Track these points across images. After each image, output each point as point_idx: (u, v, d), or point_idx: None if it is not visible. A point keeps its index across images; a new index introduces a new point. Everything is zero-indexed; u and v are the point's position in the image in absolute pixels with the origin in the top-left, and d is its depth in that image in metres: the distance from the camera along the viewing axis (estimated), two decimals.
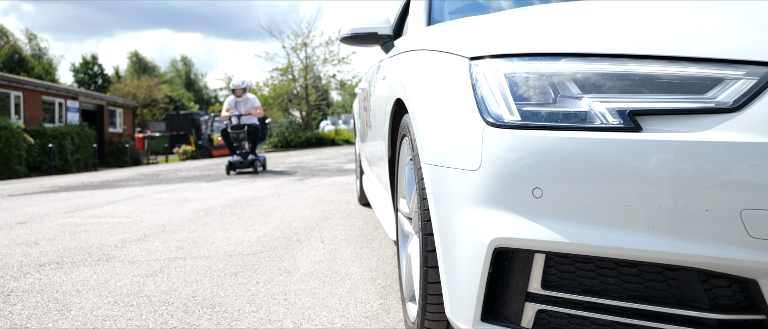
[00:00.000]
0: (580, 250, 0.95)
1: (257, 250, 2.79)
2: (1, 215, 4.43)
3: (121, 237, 3.24)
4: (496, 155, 1.01)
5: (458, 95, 1.14)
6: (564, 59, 1.03)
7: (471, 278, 1.05)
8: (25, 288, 2.25)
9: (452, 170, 1.10)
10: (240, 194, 5.38)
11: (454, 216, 1.09)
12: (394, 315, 1.82)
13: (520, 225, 0.98)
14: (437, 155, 1.17)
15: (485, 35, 1.21)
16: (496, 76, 1.07)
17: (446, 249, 1.13)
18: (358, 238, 3.01)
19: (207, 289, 2.16)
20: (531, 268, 1.01)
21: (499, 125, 1.02)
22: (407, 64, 1.61)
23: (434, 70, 1.31)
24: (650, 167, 0.91)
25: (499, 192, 1.00)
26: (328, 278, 2.26)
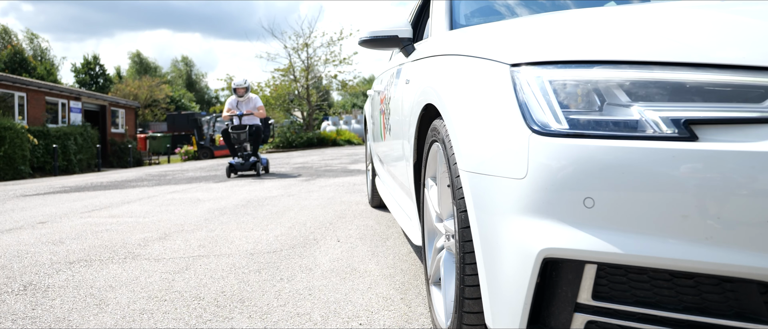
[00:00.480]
0: (636, 261, 0.94)
1: (276, 248, 2.91)
2: (21, 215, 4.55)
3: (143, 236, 3.35)
4: (543, 163, 1.00)
5: (500, 103, 1.13)
6: (611, 67, 1.02)
7: (516, 287, 1.04)
8: (61, 284, 2.36)
9: (495, 178, 1.09)
10: (250, 194, 5.50)
11: (497, 224, 1.08)
12: (415, 309, 1.94)
13: (571, 236, 0.97)
14: (478, 162, 1.16)
15: (525, 42, 1.21)
16: (539, 84, 1.06)
17: (488, 257, 1.11)
18: (372, 237, 3.12)
19: (234, 285, 2.27)
20: (581, 279, 1.00)
21: (545, 133, 1.01)
22: (439, 69, 1.58)
23: (471, 76, 1.29)
24: (708, 178, 0.89)
25: (548, 201, 0.99)
26: (349, 275, 2.38)
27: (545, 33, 1.25)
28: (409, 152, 2.02)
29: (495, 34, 1.38)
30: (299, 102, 26.56)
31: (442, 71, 1.52)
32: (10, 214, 4.66)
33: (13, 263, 2.76)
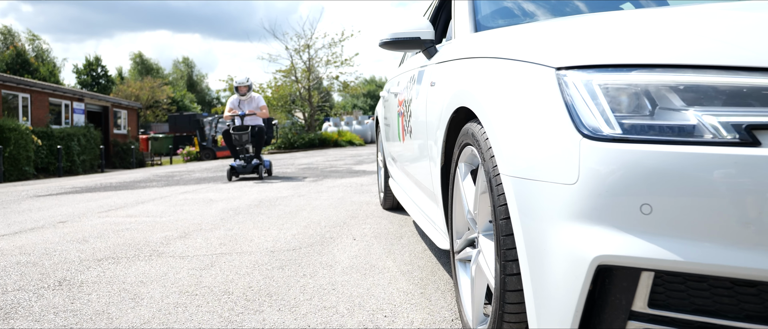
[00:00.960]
0: (696, 269, 0.92)
1: (295, 246, 3.02)
2: (40, 215, 4.65)
3: (163, 235, 3.46)
4: (596, 168, 0.99)
5: (546, 107, 1.12)
6: (663, 71, 1.01)
7: (566, 294, 1.03)
8: (93, 280, 2.47)
9: (543, 184, 1.08)
10: (261, 195, 5.61)
11: (545, 230, 1.07)
12: (435, 302, 2.05)
13: (627, 243, 0.96)
14: (524, 167, 1.15)
15: (570, 45, 1.19)
16: (588, 88, 1.06)
17: (534, 262, 1.10)
18: (386, 236, 3.23)
19: (260, 281, 2.38)
20: (636, 286, 0.98)
21: (597, 138, 1.00)
22: (474, 72, 1.56)
23: (513, 80, 1.28)
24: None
25: (602, 208, 0.98)
26: (368, 271, 2.49)
27: (589, 36, 1.23)
28: (436, 155, 1.98)
29: (535, 37, 1.37)
30: (301, 103, 26.69)
31: (478, 75, 1.50)
32: (28, 214, 4.77)
33: (43, 260, 2.86)
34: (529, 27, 1.57)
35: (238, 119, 7.57)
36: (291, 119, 26.67)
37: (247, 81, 7.72)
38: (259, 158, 7.77)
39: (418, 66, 2.50)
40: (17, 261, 2.87)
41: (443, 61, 2.00)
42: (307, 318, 1.91)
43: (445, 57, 2.00)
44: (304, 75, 26.31)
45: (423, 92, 2.26)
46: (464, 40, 1.99)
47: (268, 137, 8.29)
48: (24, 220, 4.37)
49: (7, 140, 15.28)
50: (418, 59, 2.62)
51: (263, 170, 7.74)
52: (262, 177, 7.61)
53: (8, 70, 29.68)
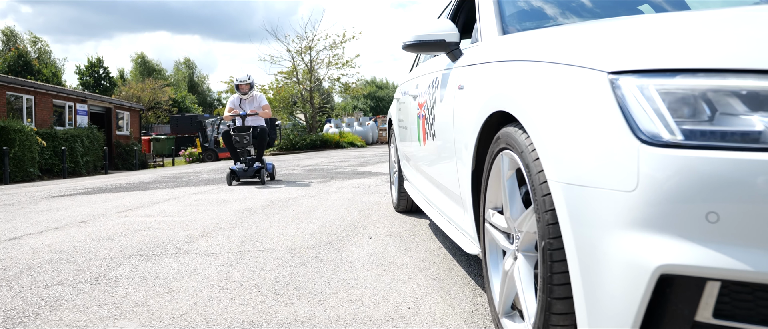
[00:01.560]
0: (766, 279, 0.90)
1: (315, 244, 3.16)
2: (60, 215, 4.79)
3: (185, 234, 3.59)
4: (656, 175, 0.97)
5: (599, 112, 1.10)
6: (723, 75, 1.00)
7: (624, 303, 1.01)
8: (127, 275, 2.60)
9: (598, 190, 1.06)
10: (273, 195, 5.74)
11: (600, 238, 1.05)
12: (455, 295, 2.18)
13: (692, 251, 0.94)
14: (575, 174, 1.13)
15: (622, 49, 1.17)
16: (645, 93, 1.04)
17: (588, 271, 1.09)
18: (401, 235, 3.37)
19: (286, 276, 2.52)
20: (701, 296, 0.97)
21: (656, 144, 0.99)
22: (513, 76, 1.54)
23: (561, 85, 1.26)
24: None
25: (664, 215, 0.96)
26: (387, 267, 2.62)
27: (639, 39, 1.21)
28: (466, 159, 1.96)
29: (580, 41, 1.35)
30: (302, 105, 26.84)
31: (519, 79, 1.48)
32: (48, 214, 4.90)
33: (75, 257, 3.00)
34: (569, 30, 1.55)
35: (238, 120, 7.09)
36: (292, 120, 26.81)
37: (248, 79, 7.24)
38: (261, 162, 7.27)
39: (441, 69, 2.48)
40: (50, 258, 3.00)
41: (472, 64, 2.00)
42: (335, 310, 2.05)
43: (474, 60, 2.00)
44: (305, 76, 26.47)
45: (449, 95, 2.24)
46: (494, 42, 2.00)
47: (271, 139, 7.64)
48: (46, 219, 4.50)
49: (12, 141, 15.41)
50: (439, 62, 2.62)
51: (265, 174, 7.27)
52: (264, 182, 7.09)
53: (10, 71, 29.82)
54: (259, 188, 6.53)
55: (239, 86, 7.25)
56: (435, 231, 3.43)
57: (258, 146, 7.25)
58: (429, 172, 2.82)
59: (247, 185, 6.96)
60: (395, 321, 1.92)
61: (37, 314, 2.08)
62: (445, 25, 2.27)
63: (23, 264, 2.86)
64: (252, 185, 6.83)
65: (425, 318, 1.94)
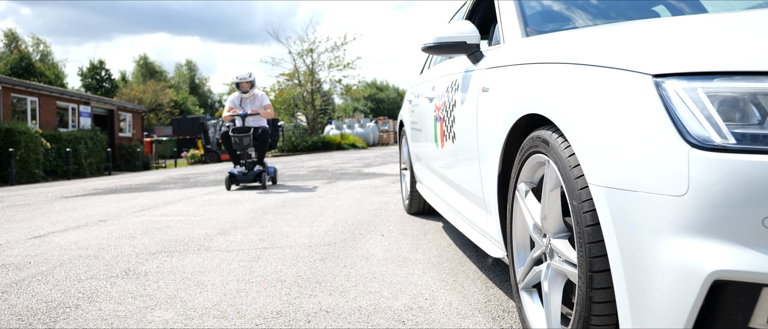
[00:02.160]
0: None
1: (330, 242, 3.30)
2: (79, 215, 4.93)
3: (204, 232, 3.74)
4: (707, 179, 0.97)
5: (644, 116, 1.09)
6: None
7: (674, 309, 1.01)
8: (155, 270, 2.74)
9: (645, 195, 1.06)
10: (283, 196, 5.88)
11: (647, 242, 1.05)
12: (468, 288, 2.32)
13: (747, 257, 0.93)
14: (619, 178, 1.12)
15: (664, 51, 1.15)
16: (693, 96, 1.03)
17: (633, 276, 1.08)
18: (412, 232, 3.51)
19: (306, 271, 2.66)
20: (756, 303, 0.97)
21: (707, 148, 0.98)
22: (545, 78, 1.52)
23: (601, 88, 1.24)
24: None
25: (717, 220, 0.96)
26: (402, 262, 2.77)
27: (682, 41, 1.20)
28: (492, 162, 1.93)
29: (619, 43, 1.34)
30: (304, 106, 27.01)
31: (553, 81, 1.46)
32: (66, 213, 5.05)
33: (102, 254, 3.14)
34: (602, 32, 1.55)
35: (238, 120, 6.68)
36: (293, 122, 26.97)
37: (249, 76, 6.79)
38: (263, 165, 6.87)
39: (461, 71, 2.47)
40: (78, 254, 3.15)
41: (497, 66, 1.99)
42: (357, 301, 2.19)
43: (499, 62, 1.99)
44: (307, 78, 26.64)
45: (471, 98, 2.21)
46: (519, 44, 2.00)
47: (274, 141, 7.13)
48: (65, 219, 4.64)
49: (18, 143, 15.55)
50: (457, 64, 2.62)
51: (267, 178, 6.84)
52: (266, 187, 6.70)
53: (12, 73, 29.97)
54: (270, 187, 6.66)
55: (240, 84, 6.80)
56: (445, 229, 3.57)
57: (259, 148, 6.80)
58: (447, 174, 2.81)
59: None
60: (414, 310, 2.06)
61: (77, 305, 2.23)
62: (466, 26, 2.25)
63: (54, 260, 3.01)
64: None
65: (442, 307, 2.08)
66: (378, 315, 2.01)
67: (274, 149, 7.70)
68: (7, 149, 15.00)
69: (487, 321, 1.93)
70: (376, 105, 56.68)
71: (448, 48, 2.27)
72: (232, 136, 6.56)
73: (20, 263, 2.97)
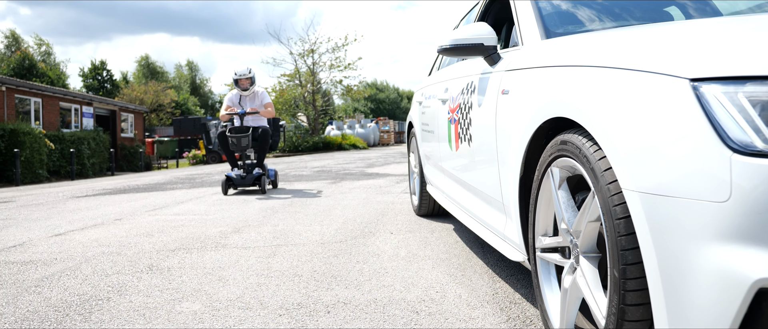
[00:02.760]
0: None
1: (341, 239, 3.44)
2: (93, 214, 5.07)
3: (218, 230, 3.88)
4: (750, 186, 0.96)
5: (682, 120, 1.08)
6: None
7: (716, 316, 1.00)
8: (177, 266, 2.88)
9: (683, 201, 1.05)
10: (290, 195, 6.02)
11: (688, 249, 1.04)
12: (476, 281, 2.46)
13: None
14: (656, 183, 1.10)
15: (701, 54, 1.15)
16: (734, 100, 1.03)
17: (671, 283, 1.07)
18: (419, 230, 3.65)
19: (321, 266, 2.80)
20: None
21: (750, 153, 0.97)
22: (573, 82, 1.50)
23: (634, 91, 1.23)
24: None
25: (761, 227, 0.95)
26: (411, 258, 2.91)
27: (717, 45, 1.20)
28: (513, 165, 1.91)
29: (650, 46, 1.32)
30: (305, 107, 27.16)
31: (581, 84, 1.45)
32: (80, 213, 5.18)
33: (124, 251, 3.28)
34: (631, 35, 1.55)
35: (236, 119, 6.27)
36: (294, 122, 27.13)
37: (249, 72, 6.39)
38: (262, 167, 6.46)
39: (477, 73, 2.45)
40: (101, 251, 3.29)
41: (517, 69, 1.98)
42: (372, 294, 2.33)
43: (519, 64, 1.98)
44: (308, 79, 26.80)
45: (490, 100, 2.20)
46: (540, 47, 1.99)
47: (274, 141, 6.71)
48: (82, 218, 4.78)
49: (22, 143, 15.68)
50: (473, 66, 2.60)
51: (267, 181, 6.44)
52: (265, 191, 6.25)
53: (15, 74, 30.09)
54: (280, 186, 6.80)
55: (239, 81, 6.39)
56: (451, 227, 3.71)
57: (259, 149, 6.41)
58: (462, 177, 2.80)
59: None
60: (426, 302, 2.20)
61: (108, 297, 2.36)
62: (483, 29, 2.24)
63: (79, 257, 3.15)
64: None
65: (452, 299, 2.22)
66: (393, 306, 2.15)
67: (275, 150, 7.01)
68: (11, 150, 15.14)
69: (495, 311, 2.07)
70: (376, 105, 56.86)
71: (465, 50, 2.26)
72: (229, 136, 6.17)
73: (47, 259, 3.11)
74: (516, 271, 2.59)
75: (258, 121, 6.49)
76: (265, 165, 6.57)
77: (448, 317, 2.02)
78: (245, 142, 6.15)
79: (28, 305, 2.29)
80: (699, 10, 2.41)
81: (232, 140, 6.16)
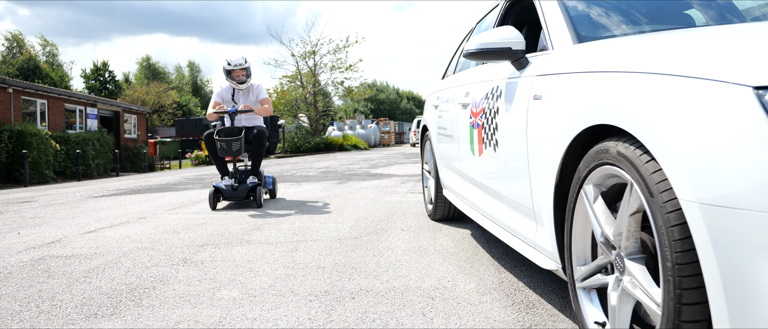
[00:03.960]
0: None
1: (356, 235, 3.71)
2: (116, 212, 5.34)
3: (239, 228, 4.14)
4: None
5: (746, 129, 1.07)
6: None
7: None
8: (208, 259, 3.15)
9: (751, 213, 1.03)
10: (301, 196, 6.29)
11: (755, 262, 1.03)
12: (484, 272, 2.72)
13: None
14: (720, 194, 1.08)
15: (762, 60, 1.13)
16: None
17: (736, 298, 1.05)
18: (427, 228, 3.92)
19: (341, 259, 3.06)
20: None
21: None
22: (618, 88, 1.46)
23: (690, 99, 1.20)
24: None
25: None
26: (423, 252, 3.17)
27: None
28: (546, 172, 1.88)
29: (703, 52, 1.31)
30: (306, 108, 27.45)
31: (629, 91, 1.41)
32: (104, 212, 5.45)
33: (156, 246, 3.55)
34: (678, 39, 1.53)
35: (227, 119, 5.33)
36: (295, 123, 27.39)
37: (244, 62, 5.40)
38: (258, 175, 5.44)
39: (504, 77, 2.41)
40: (135, 246, 3.55)
41: (551, 74, 1.95)
42: (390, 282, 2.60)
43: (552, 69, 1.96)
44: (309, 80, 27.08)
45: (519, 106, 2.16)
46: (574, 51, 1.95)
47: (273, 144, 5.74)
48: (107, 216, 5.05)
49: (29, 144, 15.95)
50: (497, 70, 2.57)
51: (262, 192, 5.45)
52: (261, 204, 5.24)
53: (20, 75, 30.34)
54: (286, 189, 7.07)
55: (232, 72, 5.40)
56: (458, 225, 3.98)
57: (254, 154, 5.37)
58: (486, 182, 2.76)
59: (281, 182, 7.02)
60: (439, 290, 2.46)
61: (153, 286, 2.63)
62: (511, 32, 2.21)
63: (116, 251, 3.41)
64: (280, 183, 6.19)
65: (463, 288, 2.49)
66: (410, 293, 2.42)
67: (273, 153, 6.14)
68: (18, 151, 15.41)
69: (501, 297, 2.34)
70: (375, 106, 57.14)
71: (492, 54, 2.24)
72: (217, 140, 5.15)
73: (87, 254, 3.38)
74: (519, 263, 2.86)
75: (253, 120, 5.53)
76: (261, 172, 5.53)
77: (459, 302, 2.29)
78: (236, 146, 5.16)
79: (83, 293, 2.56)
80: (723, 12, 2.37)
81: (220, 145, 5.16)
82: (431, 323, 2.04)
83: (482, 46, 2.24)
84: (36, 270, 3.01)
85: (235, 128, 5.24)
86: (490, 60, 2.33)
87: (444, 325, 2.02)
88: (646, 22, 2.31)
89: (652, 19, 2.35)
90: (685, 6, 2.44)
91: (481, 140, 2.72)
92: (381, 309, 2.21)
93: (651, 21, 2.33)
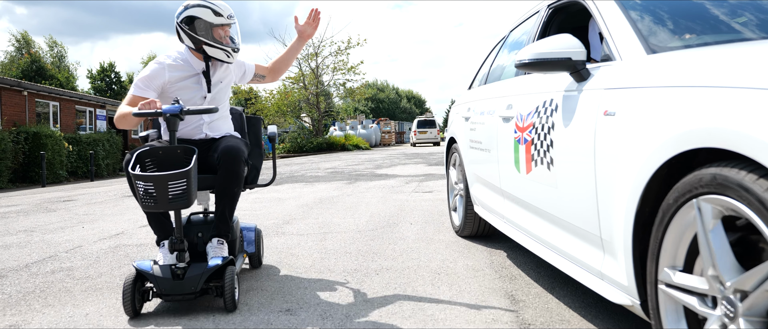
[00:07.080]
0: None
1: (373, 228, 4.42)
2: None
3: (271, 222, 4.86)
4: None
5: None
6: None
7: None
8: None
9: None
10: (315, 195, 7.01)
11: None
12: (477, 255, 3.43)
13: None
14: None
15: None
16: None
17: None
18: (433, 222, 4.64)
19: (363, 247, 3.78)
20: None
21: None
22: (732, 106, 1.24)
23: None
24: None
25: None
26: (429, 241, 3.89)
27: None
28: (627, 198, 1.65)
29: None
30: (309, 109, 28.17)
31: (753, 112, 1.18)
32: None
33: None
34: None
35: (164, 127, 2.96)
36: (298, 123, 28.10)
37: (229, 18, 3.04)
38: (225, 230, 2.79)
39: (560, 90, 2.21)
40: None
41: (625, 88, 1.75)
42: (405, 263, 3.31)
43: (627, 82, 1.76)
44: (311, 81, 27.79)
45: (585, 122, 1.95)
46: (651, 62, 1.75)
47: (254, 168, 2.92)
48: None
49: (44, 145, 16.64)
50: (550, 81, 2.35)
51: (235, 272, 2.49)
52: (232, 308, 2.41)
53: (24, 76, 30.95)
54: (301, 188, 7.77)
55: (216, 28, 2.98)
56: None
57: (222, 191, 2.76)
58: (535, 203, 2.53)
59: (291, 183, 7.79)
60: (444, 268, 3.18)
61: None
62: (570, 41, 2.05)
63: None
64: (296, 183, 6.95)
65: (462, 266, 3.21)
66: (421, 270, 3.14)
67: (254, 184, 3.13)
68: (34, 152, 16.10)
69: (491, 272, 3.05)
70: (375, 105, 57.88)
71: (550, 65, 2.07)
72: (134, 178, 2.34)
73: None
74: (507, 249, 3.58)
75: (215, 128, 2.94)
76: (234, 224, 2.92)
77: (459, 275, 3.00)
78: (182, 187, 2.32)
79: None
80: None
81: (144, 188, 2.32)
82: (438, 290, 2.75)
83: (538, 56, 2.08)
84: (118, 255, 3.72)
85: (182, 149, 2.47)
86: (546, 71, 2.17)
87: (448, 291, 2.73)
88: (704, 31, 2.06)
89: (709, 27, 2.10)
90: (737, 14, 2.16)
91: (529, 158, 2.49)
92: (400, 281, 2.93)
93: (708, 29, 2.08)
